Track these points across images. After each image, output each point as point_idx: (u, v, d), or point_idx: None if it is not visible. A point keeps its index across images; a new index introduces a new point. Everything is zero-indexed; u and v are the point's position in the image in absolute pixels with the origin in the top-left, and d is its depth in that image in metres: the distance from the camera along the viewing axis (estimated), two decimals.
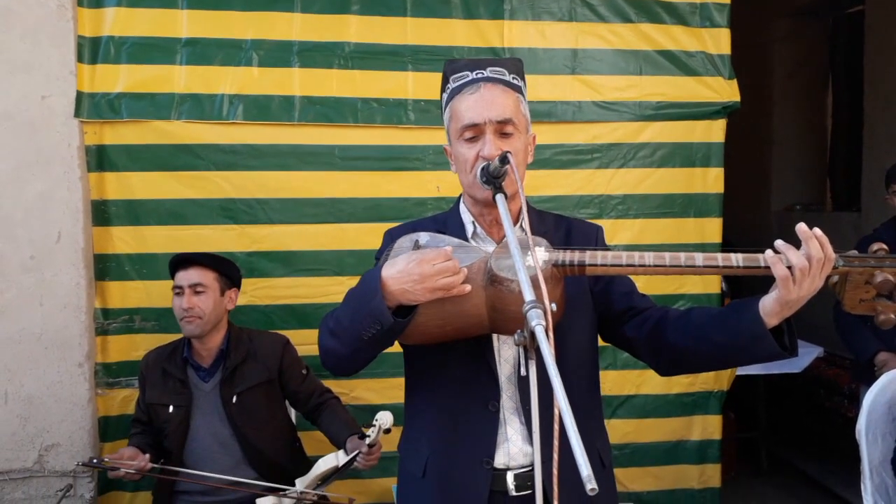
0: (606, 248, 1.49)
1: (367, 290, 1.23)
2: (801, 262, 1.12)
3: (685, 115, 2.84)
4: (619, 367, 2.78)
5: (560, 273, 1.23)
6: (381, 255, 1.40)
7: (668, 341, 1.32)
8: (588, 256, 1.22)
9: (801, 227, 1.13)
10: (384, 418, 1.97)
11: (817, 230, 1.13)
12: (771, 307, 1.17)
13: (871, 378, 2.50)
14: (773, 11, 5.34)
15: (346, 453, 2.10)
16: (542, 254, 1.20)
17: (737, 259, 1.18)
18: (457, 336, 1.30)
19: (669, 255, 1.21)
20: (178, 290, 2.25)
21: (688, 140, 2.86)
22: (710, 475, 2.94)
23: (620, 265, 1.22)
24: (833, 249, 1.15)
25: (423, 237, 1.36)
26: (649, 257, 1.21)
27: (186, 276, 2.24)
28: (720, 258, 1.20)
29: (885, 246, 1.18)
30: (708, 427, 2.93)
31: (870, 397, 2.14)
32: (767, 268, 1.15)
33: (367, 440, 2.00)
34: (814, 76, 5.41)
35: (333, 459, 2.10)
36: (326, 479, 2.15)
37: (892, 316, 1.18)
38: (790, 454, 4.18)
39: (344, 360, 1.34)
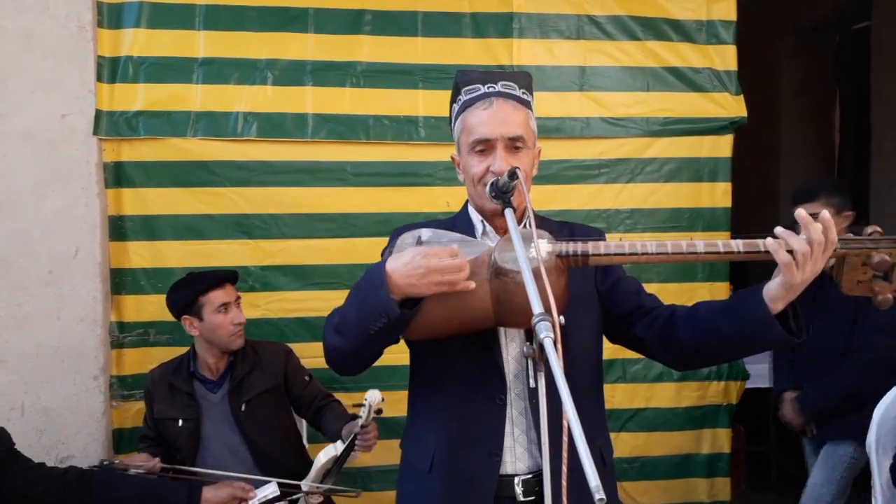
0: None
1: (373, 283, 1.24)
2: (804, 247, 1.13)
3: (692, 130, 2.87)
4: (629, 380, 2.80)
5: (563, 264, 1.24)
6: (385, 253, 1.42)
7: (679, 337, 1.33)
8: (591, 247, 1.24)
9: (801, 213, 1.15)
10: (373, 396, 1.95)
11: (824, 213, 1.14)
12: (776, 292, 1.17)
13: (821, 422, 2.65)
14: (779, 28, 5.36)
15: (343, 441, 2.10)
16: (545, 245, 1.21)
17: (737, 245, 1.20)
18: (462, 330, 1.31)
19: (671, 242, 1.23)
20: (225, 308, 2.26)
21: (695, 155, 2.88)
22: (719, 489, 2.94)
23: (623, 254, 1.24)
24: None
25: (426, 233, 1.36)
26: (652, 246, 1.23)
27: (226, 294, 2.28)
28: (721, 244, 1.21)
29: (878, 228, 1.20)
30: (717, 440, 2.94)
31: (880, 411, 2.14)
32: (768, 252, 1.16)
33: (359, 421, 2.00)
34: (820, 92, 5.41)
35: (332, 450, 2.10)
36: (329, 471, 2.15)
37: (890, 296, 1.19)
38: (800, 468, 4.15)
39: (348, 357, 1.35)
